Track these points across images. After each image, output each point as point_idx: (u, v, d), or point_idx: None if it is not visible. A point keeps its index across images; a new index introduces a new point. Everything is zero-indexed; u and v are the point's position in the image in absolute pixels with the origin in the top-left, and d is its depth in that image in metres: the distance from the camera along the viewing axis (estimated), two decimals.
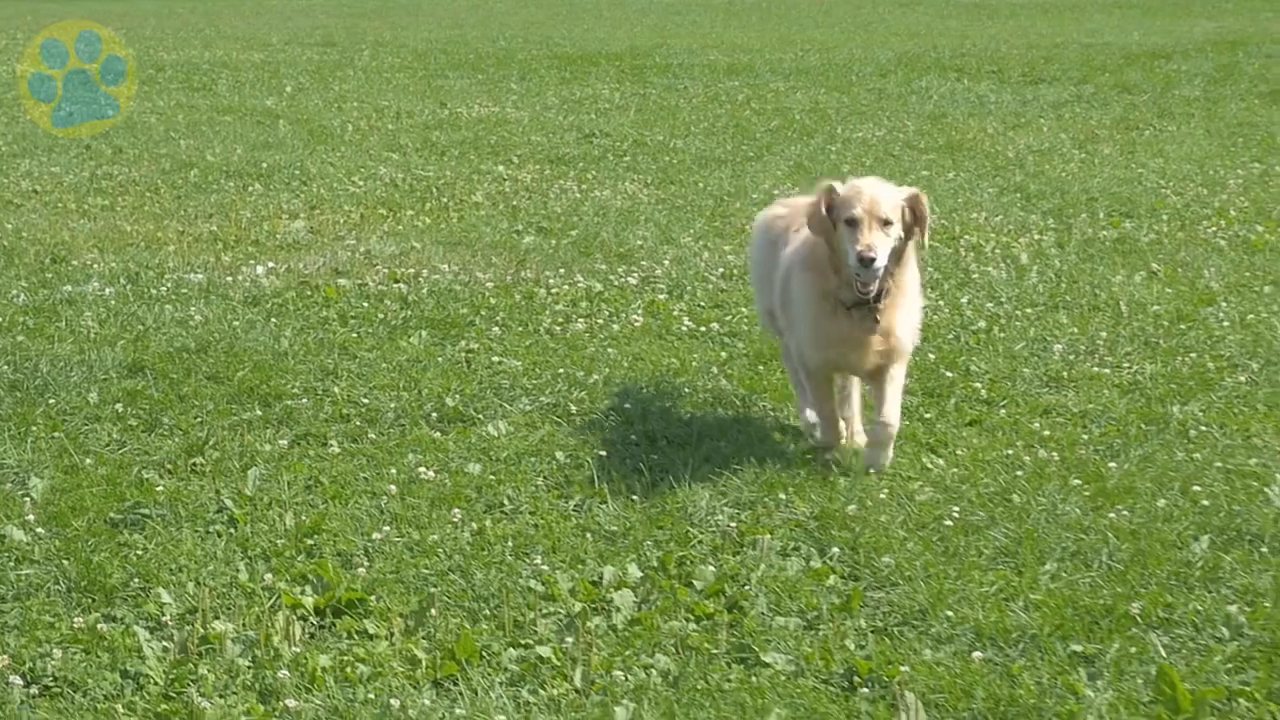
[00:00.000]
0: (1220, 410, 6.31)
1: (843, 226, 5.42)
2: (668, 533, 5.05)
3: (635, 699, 3.95)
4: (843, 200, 5.46)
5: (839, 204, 5.46)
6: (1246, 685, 4.04)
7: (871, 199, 5.41)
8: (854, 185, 5.50)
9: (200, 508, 5.25)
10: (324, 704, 3.94)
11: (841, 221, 5.43)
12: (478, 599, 4.57)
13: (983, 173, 12.56)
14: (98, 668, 4.13)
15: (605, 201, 11.34)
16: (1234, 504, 5.24)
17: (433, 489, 5.43)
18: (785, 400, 6.45)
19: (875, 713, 3.91)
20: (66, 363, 6.85)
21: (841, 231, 5.43)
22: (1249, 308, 7.95)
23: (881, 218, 5.38)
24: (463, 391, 6.55)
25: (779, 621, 4.45)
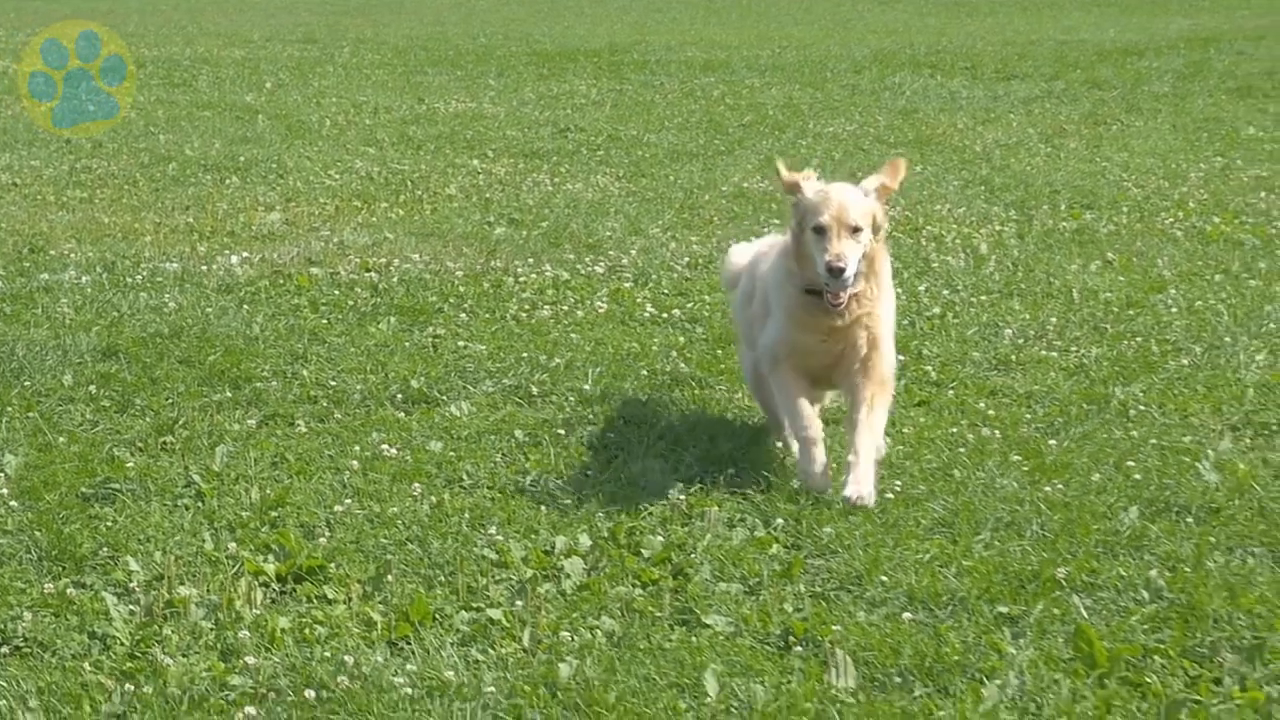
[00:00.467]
0: (1161, 391, 6.52)
1: (809, 233, 5.28)
2: (619, 505, 5.25)
3: (579, 657, 4.14)
4: (810, 206, 5.29)
5: (806, 209, 5.31)
6: (1162, 643, 4.24)
7: (840, 205, 5.24)
8: (821, 191, 5.33)
9: (169, 483, 5.44)
10: (282, 662, 4.13)
11: (809, 228, 5.28)
12: (433, 566, 4.77)
13: (950, 166, 12.78)
14: (66, 629, 4.31)
15: (577, 194, 11.53)
16: (1165, 478, 5.45)
17: (394, 465, 5.63)
18: (740, 382, 6.64)
19: (807, 669, 4.11)
20: (42, 347, 7.03)
21: (808, 238, 5.29)
22: (1198, 295, 8.17)
23: (850, 225, 5.22)
24: (428, 374, 6.74)
25: (721, 587, 4.65)
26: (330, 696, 3.93)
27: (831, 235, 5.20)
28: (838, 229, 5.21)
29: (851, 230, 5.22)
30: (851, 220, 5.23)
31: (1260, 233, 9.87)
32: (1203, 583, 4.57)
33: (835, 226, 5.21)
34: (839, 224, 5.21)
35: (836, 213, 5.22)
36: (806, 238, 5.29)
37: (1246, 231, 9.94)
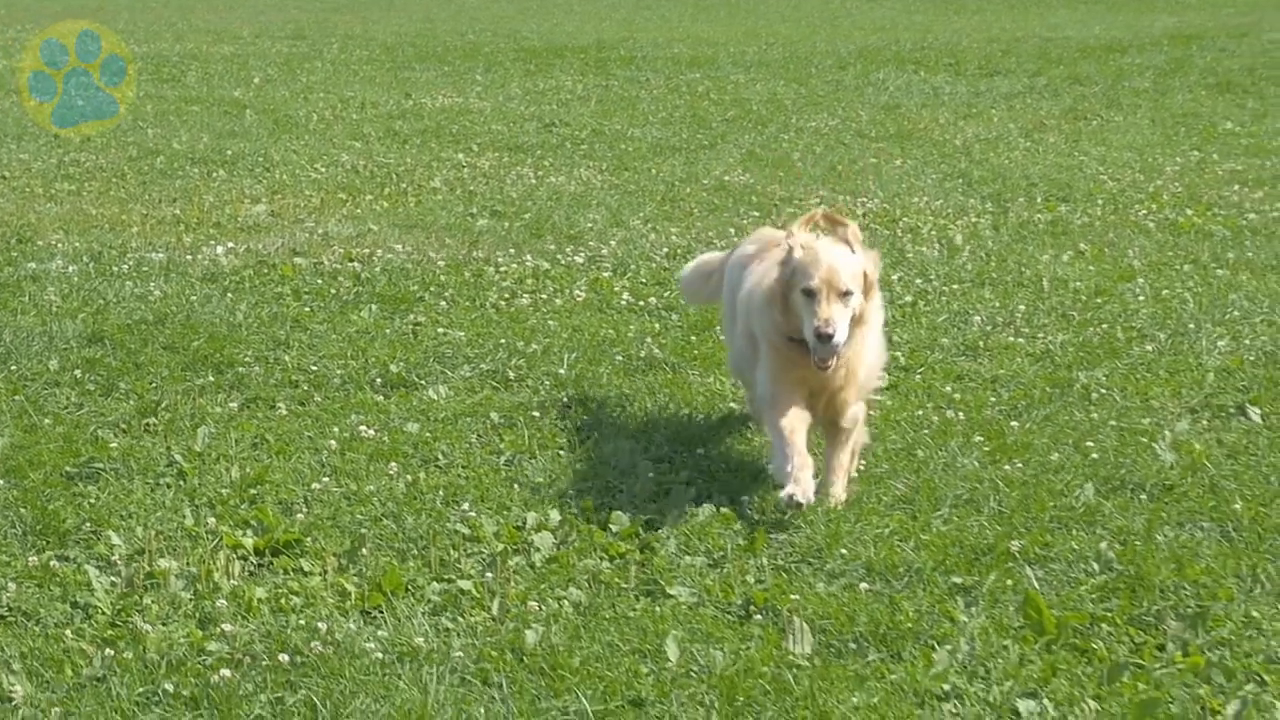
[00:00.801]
0: (1123, 376, 6.68)
1: (798, 295, 5.09)
2: (590, 483, 5.39)
3: (546, 625, 4.29)
4: (799, 268, 5.10)
5: (795, 271, 5.11)
6: (1109, 612, 4.40)
7: (830, 269, 5.04)
8: (811, 252, 5.10)
9: (151, 462, 5.57)
10: (258, 629, 4.27)
11: (798, 290, 5.09)
12: (407, 541, 4.91)
13: (929, 160, 12.92)
14: (50, 599, 4.45)
15: (560, 187, 11.67)
16: (1122, 457, 5.61)
17: (372, 445, 5.77)
18: (713, 366, 6.79)
19: (765, 635, 4.26)
20: (29, 333, 7.16)
21: (797, 299, 5.10)
22: (1165, 284, 8.32)
23: (841, 289, 5.03)
24: (407, 360, 6.88)
25: (687, 560, 4.79)
26: (304, 661, 4.07)
27: (821, 299, 5.02)
28: (827, 292, 5.03)
29: (841, 294, 5.04)
30: (842, 284, 5.04)
31: (1231, 224, 10.03)
32: (1151, 555, 4.72)
33: (825, 290, 5.03)
34: (829, 287, 5.03)
35: (826, 275, 5.04)
36: (795, 298, 5.11)
37: (1218, 223, 10.09)
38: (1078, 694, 3.95)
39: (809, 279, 5.05)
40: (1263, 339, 7.19)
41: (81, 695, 3.90)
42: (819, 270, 5.04)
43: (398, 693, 3.89)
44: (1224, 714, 3.87)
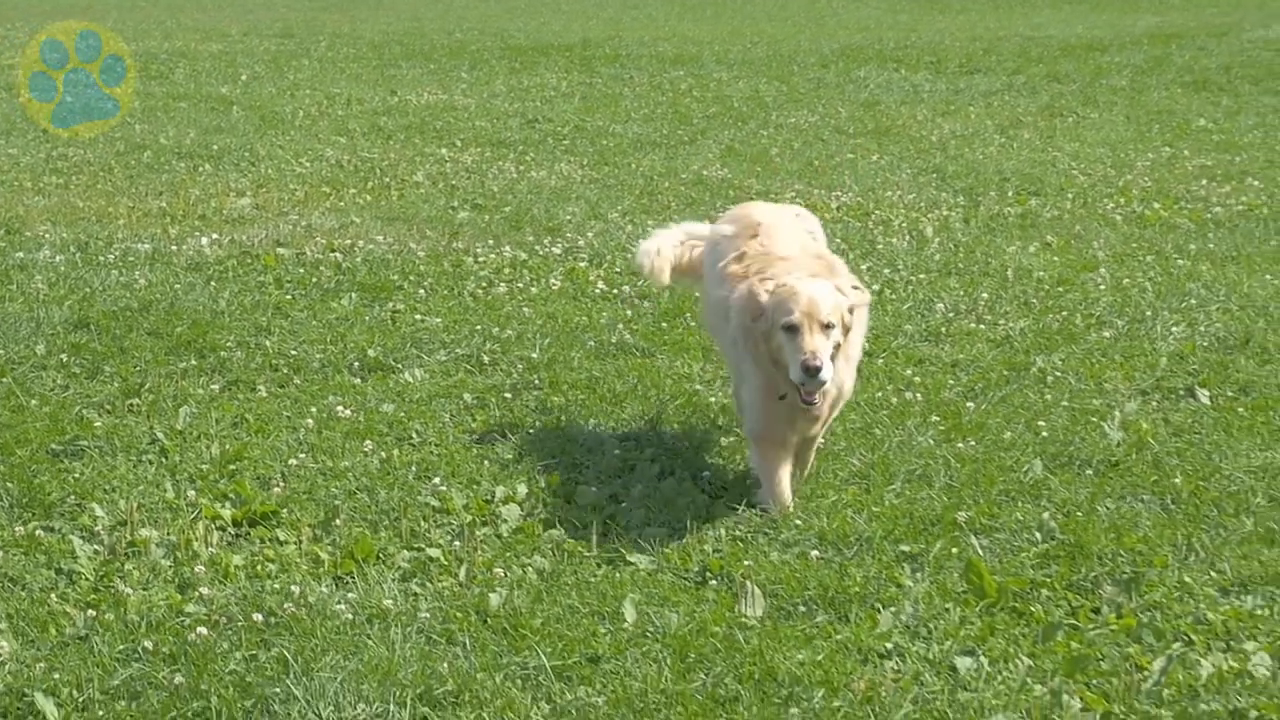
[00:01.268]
0: (1079, 360, 6.89)
1: (780, 332, 4.95)
2: (558, 459, 5.59)
3: (510, 589, 4.49)
4: (777, 304, 4.97)
5: (773, 307, 4.98)
6: (1049, 578, 4.60)
7: (810, 301, 4.93)
8: (789, 287, 4.99)
9: (134, 440, 5.77)
10: (235, 593, 4.47)
11: (778, 328, 4.96)
12: (380, 513, 5.11)
13: (905, 155, 13.13)
14: (35, 566, 4.65)
15: (540, 181, 11.86)
16: (1071, 435, 5.82)
17: (348, 424, 5.96)
18: (682, 352, 6.99)
19: (719, 599, 4.46)
20: (16, 319, 7.34)
21: (779, 337, 4.96)
22: (1127, 274, 8.54)
23: (822, 322, 4.92)
24: (385, 345, 7.07)
25: (649, 532, 4.99)
26: (277, 621, 4.27)
27: (804, 333, 4.89)
28: (810, 325, 4.91)
29: (824, 327, 4.92)
30: (823, 317, 4.92)
31: (1196, 217, 10.25)
32: (1092, 525, 4.93)
33: (807, 323, 4.90)
34: (810, 320, 4.91)
35: (807, 308, 4.92)
36: (777, 340, 4.98)
37: (1183, 216, 10.31)
38: (1013, 651, 4.16)
39: (789, 314, 4.92)
40: (1217, 325, 7.40)
41: (65, 652, 4.09)
42: (799, 304, 4.92)
43: (366, 650, 4.09)
44: (1150, 670, 4.07)
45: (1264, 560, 4.70)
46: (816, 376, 4.86)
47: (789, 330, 4.91)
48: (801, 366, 4.86)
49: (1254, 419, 6.00)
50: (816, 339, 4.88)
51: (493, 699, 3.86)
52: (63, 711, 3.77)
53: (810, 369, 4.85)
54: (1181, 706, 3.86)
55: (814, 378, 4.86)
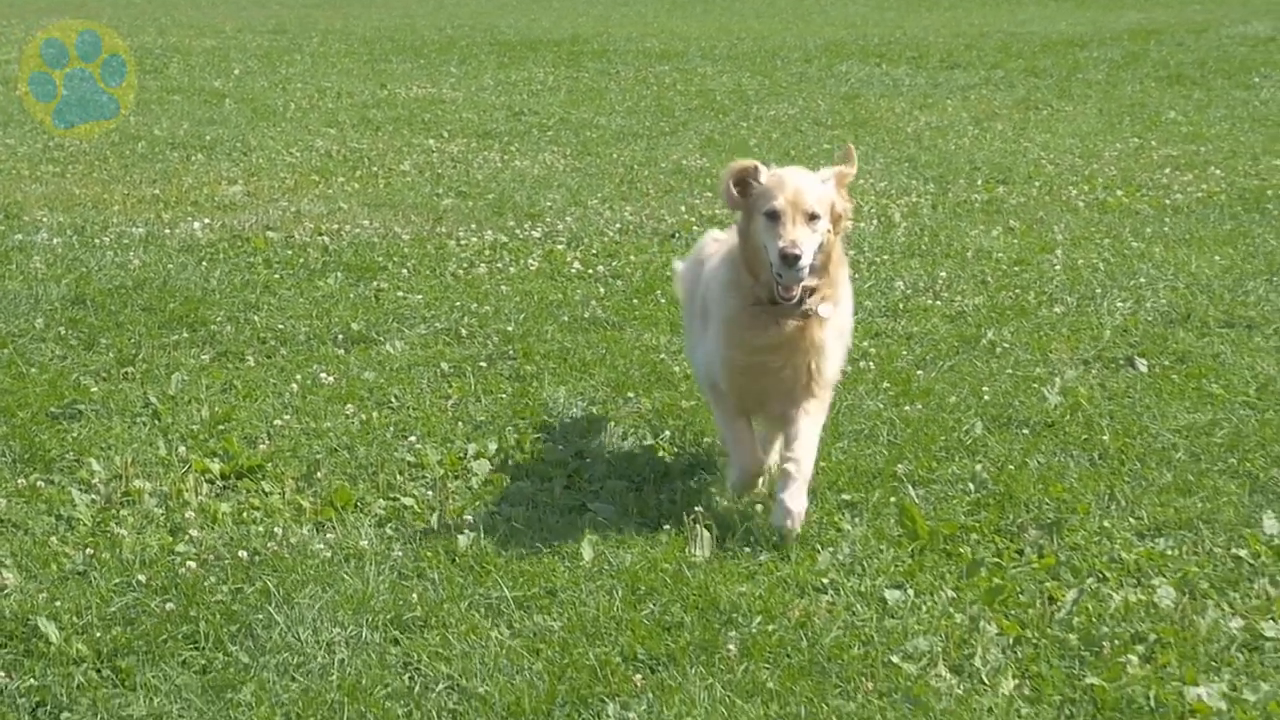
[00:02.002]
0: (1028, 333, 7.25)
1: (761, 219, 4.75)
2: (528, 421, 5.95)
3: (477, 532, 4.84)
4: (762, 190, 4.77)
5: (757, 194, 4.78)
6: (978, 522, 4.96)
7: (796, 189, 4.72)
8: (775, 174, 4.82)
9: (128, 404, 6.12)
10: (222, 536, 4.82)
11: (760, 214, 4.75)
12: (359, 468, 5.46)
13: (880, 146, 13.48)
14: (36, 513, 5.00)
15: (524, 170, 12.21)
16: (1012, 399, 6.17)
17: (331, 390, 6.32)
18: (651, 325, 7.35)
19: (671, 541, 4.81)
20: (16, 296, 7.69)
21: (759, 225, 4.76)
22: (1082, 255, 8.90)
23: (807, 211, 4.70)
24: (368, 319, 7.42)
25: (610, 484, 5.35)
26: (261, 559, 4.62)
27: (786, 220, 4.69)
28: (792, 214, 4.69)
29: (808, 217, 4.71)
30: (808, 206, 4.71)
31: (1156, 203, 10.61)
32: (1022, 477, 5.29)
33: (790, 211, 4.69)
34: (794, 209, 4.70)
35: (792, 197, 4.71)
36: (757, 226, 4.77)
37: (1144, 203, 10.67)
38: (938, 585, 4.51)
39: (772, 200, 4.71)
40: (1162, 301, 7.76)
41: (65, 585, 4.45)
42: (783, 191, 4.72)
43: (342, 583, 4.44)
44: (1063, 600, 4.43)
45: (1179, 508, 5.06)
46: (795, 266, 4.64)
47: (770, 217, 4.71)
48: (779, 254, 4.64)
49: (1185, 385, 6.36)
50: (800, 230, 4.67)
51: (458, 624, 4.22)
52: (64, 634, 4.11)
53: (788, 257, 4.63)
54: (1087, 630, 4.22)
55: (792, 267, 4.64)
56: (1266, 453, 5.55)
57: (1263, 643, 4.19)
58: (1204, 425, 5.83)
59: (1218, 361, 6.72)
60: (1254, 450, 5.57)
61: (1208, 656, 4.11)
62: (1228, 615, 4.34)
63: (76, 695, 3.85)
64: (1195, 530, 4.92)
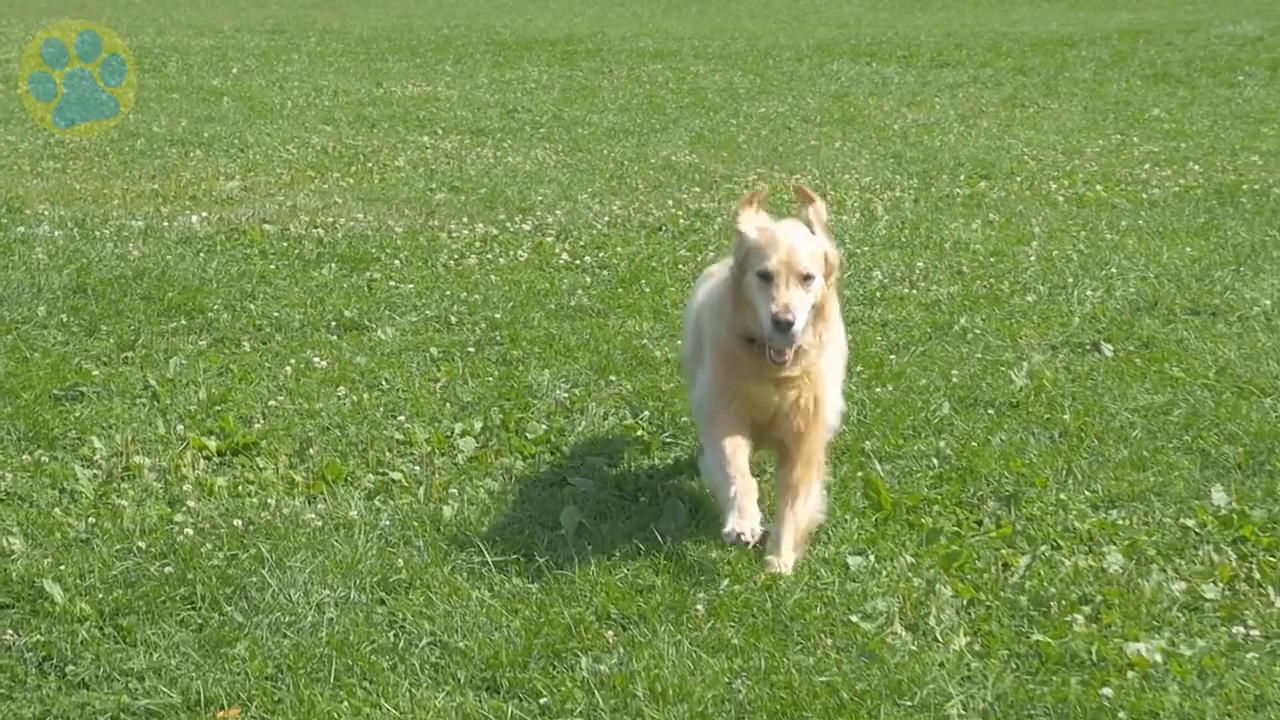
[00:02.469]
0: (1000, 320, 7.48)
1: (753, 278, 4.61)
2: (513, 402, 6.18)
3: (462, 503, 5.07)
4: (754, 249, 4.62)
5: (750, 252, 4.63)
6: (940, 495, 5.20)
7: (789, 249, 4.57)
8: (768, 232, 4.65)
9: (128, 386, 6.35)
10: (218, 507, 5.06)
11: (752, 273, 4.61)
12: (349, 445, 5.70)
13: (867, 142, 13.72)
14: (40, 486, 5.23)
15: (516, 166, 12.45)
16: (980, 382, 6.41)
17: (323, 373, 6.55)
18: (635, 313, 7.58)
19: (650, 514, 5.04)
20: (19, 285, 7.92)
21: (752, 283, 4.61)
22: (1057, 246, 9.13)
23: (801, 272, 4.56)
24: (360, 308, 7.65)
25: (590, 460, 5.59)
26: (255, 527, 4.86)
27: (779, 283, 4.54)
28: (786, 275, 4.55)
29: (802, 278, 4.57)
30: (802, 267, 4.56)
31: (1133, 198, 10.85)
32: (984, 453, 5.53)
33: (784, 273, 4.55)
34: (788, 270, 4.55)
35: (785, 257, 4.56)
36: (749, 282, 4.63)
37: (1122, 197, 10.91)
38: (898, 551, 4.75)
39: (765, 260, 4.56)
40: (1131, 290, 8.00)
41: (69, 551, 4.68)
42: (776, 251, 4.57)
43: (332, 549, 4.68)
44: (1016, 566, 4.67)
45: (1132, 481, 5.30)
46: (788, 331, 4.51)
47: (763, 278, 4.57)
48: (772, 320, 4.51)
49: (1148, 368, 6.60)
50: (793, 291, 4.53)
51: (441, 586, 4.45)
52: (68, 595, 4.35)
53: (780, 322, 4.49)
54: (1037, 592, 4.45)
55: (784, 332, 4.51)
56: (1220, 430, 5.79)
57: (1203, 603, 4.43)
58: (1162, 405, 6.07)
59: (1181, 347, 6.95)
60: (1208, 428, 5.81)
61: (1150, 616, 4.35)
62: (1171, 579, 4.58)
63: (80, 650, 4.08)
64: (1147, 502, 5.15)
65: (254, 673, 3.96)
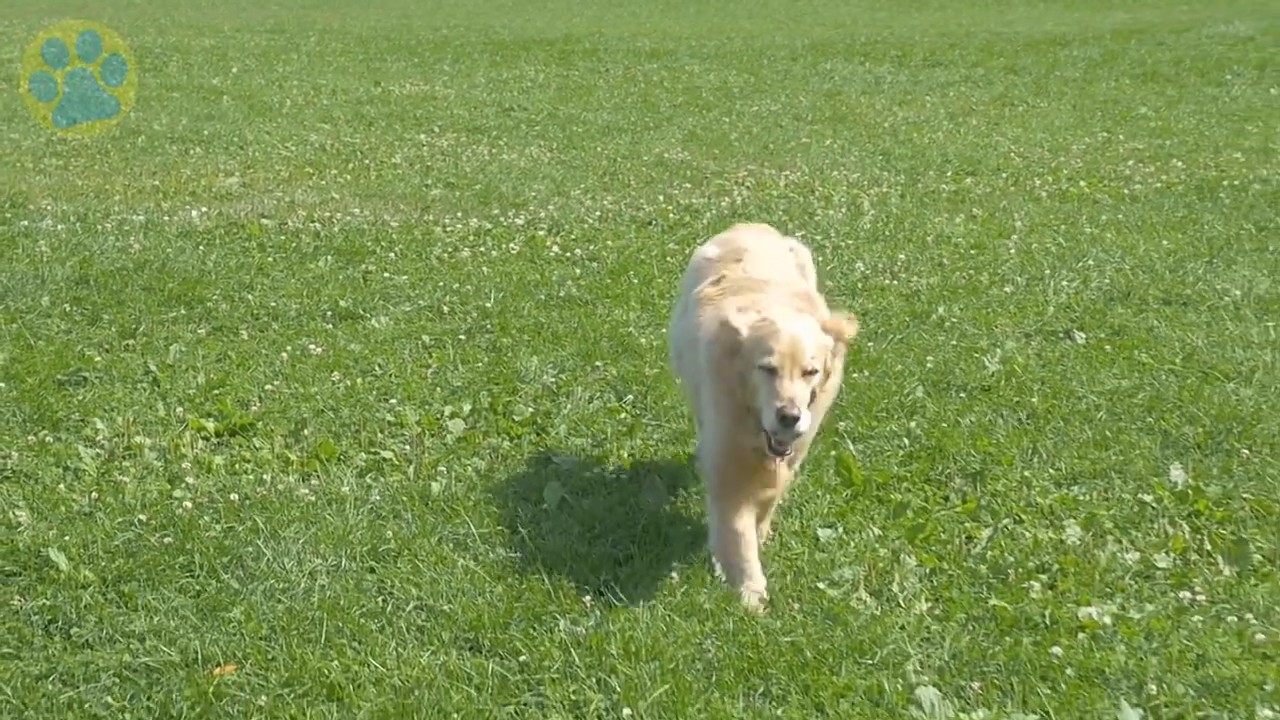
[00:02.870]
0: (977, 309, 7.69)
1: (755, 371, 4.42)
2: (501, 386, 6.40)
3: (450, 480, 5.29)
4: (755, 342, 4.43)
5: (750, 345, 4.45)
6: (910, 472, 5.41)
7: (793, 342, 4.38)
8: (770, 323, 4.44)
9: (130, 371, 6.57)
10: (216, 484, 5.28)
11: (755, 367, 4.43)
12: (342, 426, 5.91)
13: (857, 140, 13.93)
14: (46, 465, 5.45)
15: (511, 163, 12.66)
16: (955, 367, 6.63)
17: (318, 360, 6.77)
18: (621, 302, 7.80)
19: (630, 490, 5.26)
20: (23, 276, 8.13)
21: (754, 376, 4.43)
22: (1037, 240, 9.35)
23: (805, 367, 4.39)
24: (355, 298, 7.87)
25: (574, 441, 5.80)
26: (251, 502, 5.08)
27: (784, 377, 4.37)
28: (790, 369, 4.37)
29: (804, 373, 4.41)
30: (806, 362, 4.40)
31: (1115, 193, 11.06)
32: (954, 433, 5.74)
33: (788, 366, 4.38)
34: (792, 363, 4.38)
35: (789, 350, 4.38)
36: (753, 378, 4.44)
37: (1104, 192, 11.12)
38: (866, 524, 4.96)
39: (768, 354, 4.39)
40: (1106, 281, 8.21)
41: (73, 523, 4.90)
42: (779, 344, 4.39)
43: (325, 522, 4.89)
44: (979, 538, 4.88)
45: (1094, 460, 5.52)
46: (793, 428, 4.35)
47: (767, 372, 4.40)
48: (777, 415, 4.34)
49: (1117, 355, 6.81)
50: (796, 385, 4.36)
51: (428, 556, 4.67)
52: (72, 563, 4.56)
53: (787, 418, 4.33)
54: (997, 562, 4.67)
55: (789, 428, 4.35)
56: (1182, 412, 6.00)
57: (1155, 572, 4.65)
58: (1128, 389, 6.29)
59: (1151, 334, 7.17)
60: (1170, 410, 6.02)
61: (1103, 584, 4.57)
62: (1126, 549, 4.79)
63: (84, 614, 4.30)
64: (1107, 479, 5.37)
65: (249, 634, 4.18)
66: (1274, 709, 3.78)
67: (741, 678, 3.97)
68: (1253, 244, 9.06)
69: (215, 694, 3.83)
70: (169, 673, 3.98)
